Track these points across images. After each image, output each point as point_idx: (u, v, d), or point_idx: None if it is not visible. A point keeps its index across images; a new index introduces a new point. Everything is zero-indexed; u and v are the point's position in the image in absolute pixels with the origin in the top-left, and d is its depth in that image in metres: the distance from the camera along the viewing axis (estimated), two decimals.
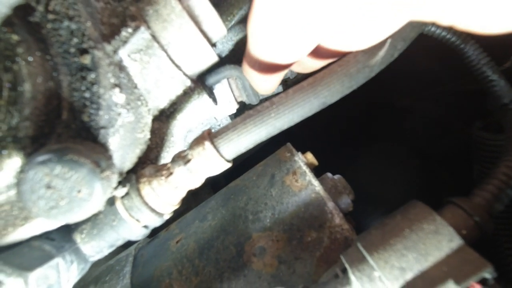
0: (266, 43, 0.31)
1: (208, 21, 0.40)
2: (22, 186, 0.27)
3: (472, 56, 0.45)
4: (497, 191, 0.30)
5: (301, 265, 0.39)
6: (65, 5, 0.29)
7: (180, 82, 0.40)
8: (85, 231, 0.35)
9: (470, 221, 0.28)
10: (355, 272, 0.29)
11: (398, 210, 0.32)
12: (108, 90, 0.31)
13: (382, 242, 0.29)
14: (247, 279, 0.40)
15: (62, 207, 0.27)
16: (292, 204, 0.42)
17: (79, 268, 0.36)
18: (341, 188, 0.45)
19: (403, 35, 0.30)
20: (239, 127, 0.32)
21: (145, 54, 0.36)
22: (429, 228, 0.28)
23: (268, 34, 0.29)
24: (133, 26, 0.34)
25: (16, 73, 0.28)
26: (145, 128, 0.38)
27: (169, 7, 0.37)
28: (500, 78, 0.45)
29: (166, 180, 0.34)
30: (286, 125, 0.32)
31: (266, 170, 0.47)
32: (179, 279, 0.44)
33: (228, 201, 0.47)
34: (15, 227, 0.32)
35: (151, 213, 0.34)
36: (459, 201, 0.30)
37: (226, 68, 0.48)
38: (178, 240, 0.49)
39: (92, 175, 0.27)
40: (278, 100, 0.32)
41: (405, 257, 0.27)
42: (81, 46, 0.29)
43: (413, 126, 0.81)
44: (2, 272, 0.30)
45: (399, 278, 0.27)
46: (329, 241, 0.38)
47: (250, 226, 0.43)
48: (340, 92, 0.31)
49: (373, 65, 0.31)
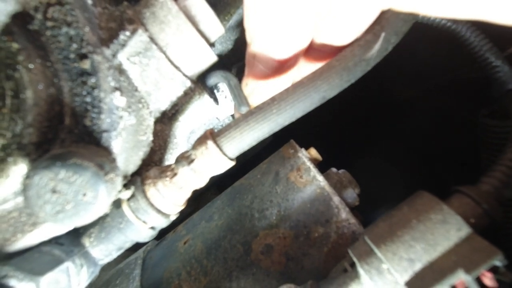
0: (264, 34, 0.32)
1: (205, 21, 0.40)
2: (28, 192, 0.27)
3: (475, 43, 0.44)
4: (506, 177, 0.30)
5: (309, 261, 0.38)
6: (63, 11, 0.29)
7: (180, 83, 0.40)
8: (93, 234, 0.36)
9: (478, 209, 0.28)
10: (364, 265, 0.29)
11: (404, 201, 0.31)
12: (109, 93, 0.31)
13: (390, 234, 0.28)
14: (256, 277, 0.40)
15: (68, 211, 0.27)
16: (298, 200, 0.42)
17: (89, 271, 0.37)
18: (346, 182, 0.44)
19: (395, 29, 0.31)
20: (241, 125, 0.32)
21: (144, 56, 0.37)
22: (436, 218, 0.27)
23: (264, 24, 0.31)
24: (131, 29, 0.35)
25: (18, 80, 0.28)
26: (148, 131, 0.39)
27: (165, 8, 0.37)
28: (504, 64, 0.44)
29: (171, 181, 0.34)
30: (288, 120, 0.32)
31: (270, 168, 0.47)
32: (188, 279, 0.44)
33: (234, 200, 0.47)
34: (24, 233, 0.32)
35: (157, 214, 0.35)
36: (466, 189, 0.29)
37: (221, 72, 0.47)
38: (185, 241, 0.49)
39: (96, 178, 0.27)
40: (279, 96, 0.32)
41: (413, 248, 0.27)
42: (81, 51, 0.30)
43: (417, 118, 0.80)
44: (14, 278, 0.31)
45: (408, 269, 0.26)
46: (337, 236, 0.38)
47: (257, 224, 0.42)
48: (339, 86, 0.32)
49: (369, 58, 0.31)
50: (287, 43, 0.33)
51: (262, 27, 0.32)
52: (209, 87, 0.49)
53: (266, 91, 0.40)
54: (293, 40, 0.32)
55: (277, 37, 0.32)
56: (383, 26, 0.31)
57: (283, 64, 0.35)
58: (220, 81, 0.47)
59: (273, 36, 0.32)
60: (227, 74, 0.44)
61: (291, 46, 0.33)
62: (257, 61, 0.36)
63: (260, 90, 0.40)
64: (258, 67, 0.36)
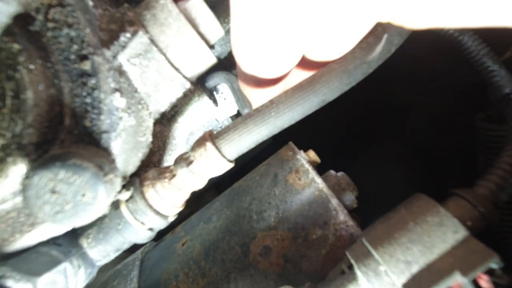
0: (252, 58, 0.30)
1: (205, 23, 0.41)
2: (27, 192, 0.27)
3: (472, 47, 0.45)
4: (501, 181, 0.30)
5: (307, 263, 0.38)
6: (64, 13, 0.29)
7: (180, 85, 0.41)
8: (91, 235, 0.36)
9: (475, 212, 0.28)
10: (361, 267, 0.29)
11: (402, 204, 0.31)
12: (109, 95, 0.31)
13: (387, 236, 0.29)
14: (254, 279, 0.40)
15: (67, 211, 0.27)
16: (296, 202, 0.42)
17: (87, 272, 0.37)
18: (344, 185, 0.45)
19: (399, 30, 0.31)
20: (240, 127, 0.32)
21: (144, 58, 0.37)
22: (433, 221, 0.27)
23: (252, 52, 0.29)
24: (131, 31, 0.35)
25: (18, 81, 0.28)
26: (147, 132, 0.39)
27: (166, 11, 0.37)
28: (500, 68, 0.45)
29: (170, 182, 0.34)
30: (286, 123, 0.32)
31: (268, 170, 0.47)
32: (186, 281, 0.44)
33: (232, 201, 0.47)
34: (22, 234, 0.32)
35: (155, 216, 0.35)
36: (463, 192, 0.30)
37: (224, 73, 0.48)
38: (183, 242, 0.49)
39: (96, 178, 0.27)
40: (278, 99, 0.32)
41: (410, 250, 0.27)
42: (81, 52, 0.30)
43: (415, 122, 0.80)
44: (11, 278, 0.31)
45: (404, 271, 0.26)
46: (334, 238, 0.38)
47: (255, 226, 0.43)
48: (339, 89, 0.31)
49: (370, 61, 0.31)
50: (275, 66, 0.31)
51: (249, 55, 0.30)
52: (209, 89, 0.49)
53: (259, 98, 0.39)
54: (283, 61, 0.30)
55: (266, 60, 0.30)
56: (385, 27, 0.30)
57: (274, 81, 0.35)
58: (222, 82, 0.47)
59: (262, 59, 0.30)
60: (230, 76, 0.44)
61: (279, 68, 0.31)
62: (248, 79, 0.35)
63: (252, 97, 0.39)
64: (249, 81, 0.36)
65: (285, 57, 0.30)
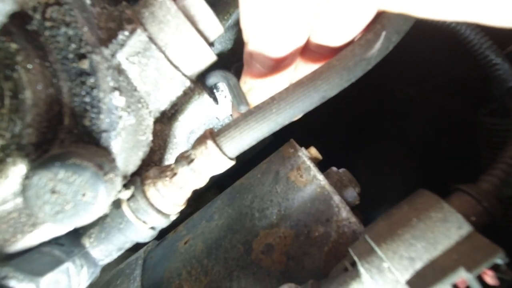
0: (259, 33, 0.32)
1: (205, 20, 0.40)
2: (27, 192, 0.27)
3: (474, 41, 0.44)
4: (505, 175, 0.30)
5: (310, 261, 0.38)
6: (61, 11, 0.29)
7: (179, 83, 0.40)
8: (93, 235, 0.36)
9: (479, 207, 0.28)
10: (364, 264, 0.29)
11: (405, 200, 0.31)
12: (108, 93, 0.31)
13: (390, 233, 0.28)
14: (257, 276, 0.40)
15: (67, 211, 0.27)
16: (298, 199, 0.42)
17: (89, 272, 0.37)
18: (346, 181, 0.44)
19: (396, 28, 0.31)
20: (241, 124, 0.32)
21: (143, 56, 0.36)
22: (437, 216, 0.27)
23: (260, 23, 0.31)
24: (130, 29, 0.35)
25: (17, 81, 0.28)
26: (147, 131, 0.39)
27: (164, 8, 0.37)
28: (504, 61, 0.44)
29: (171, 181, 0.34)
30: (287, 120, 0.32)
31: (270, 167, 0.47)
32: (189, 279, 0.44)
33: (234, 200, 0.47)
34: (24, 234, 0.32)
35: (157, 215, 0.35)
36: (466, 188, 0.29)
37: (221, 72, 0.47)
38: (186, 241, 0.49)
39: (96, 178, 0.27)
40: (279, 96, 0.32)
41: (414, 247, 0.27)
42: (79, 51, 0.29)
43: (417, 117, 0.80)
44: (14, 278, 0.31)
45: (408, 268, 0.26)
46: (337, 235, 0.38)
47: (257, 224, 0.42)
48: (339, 86, 0.32)
49: (369, 57, 0.31)
50: (283, 41, 0.33)
51: (257, 26, 0.32)
52: (209, 87, 0.49)
53: (264, 90, 0.40)
54: (289, 39, 0.33)
55: (272, 36, 0.32)
56: (384, 25, 0.31)
57: (280, 63, 0.35)
58: (219, 80, 0.46)
59: (269, 35, 0.32)
60: (226, 74, 0.44)
61: (287, 44, 0.33)
62: (254, 60, 0.36)
63: (257, 89, 0.40)
64: (255, 66, 0.37)
65: (293, 30, 0.31)
